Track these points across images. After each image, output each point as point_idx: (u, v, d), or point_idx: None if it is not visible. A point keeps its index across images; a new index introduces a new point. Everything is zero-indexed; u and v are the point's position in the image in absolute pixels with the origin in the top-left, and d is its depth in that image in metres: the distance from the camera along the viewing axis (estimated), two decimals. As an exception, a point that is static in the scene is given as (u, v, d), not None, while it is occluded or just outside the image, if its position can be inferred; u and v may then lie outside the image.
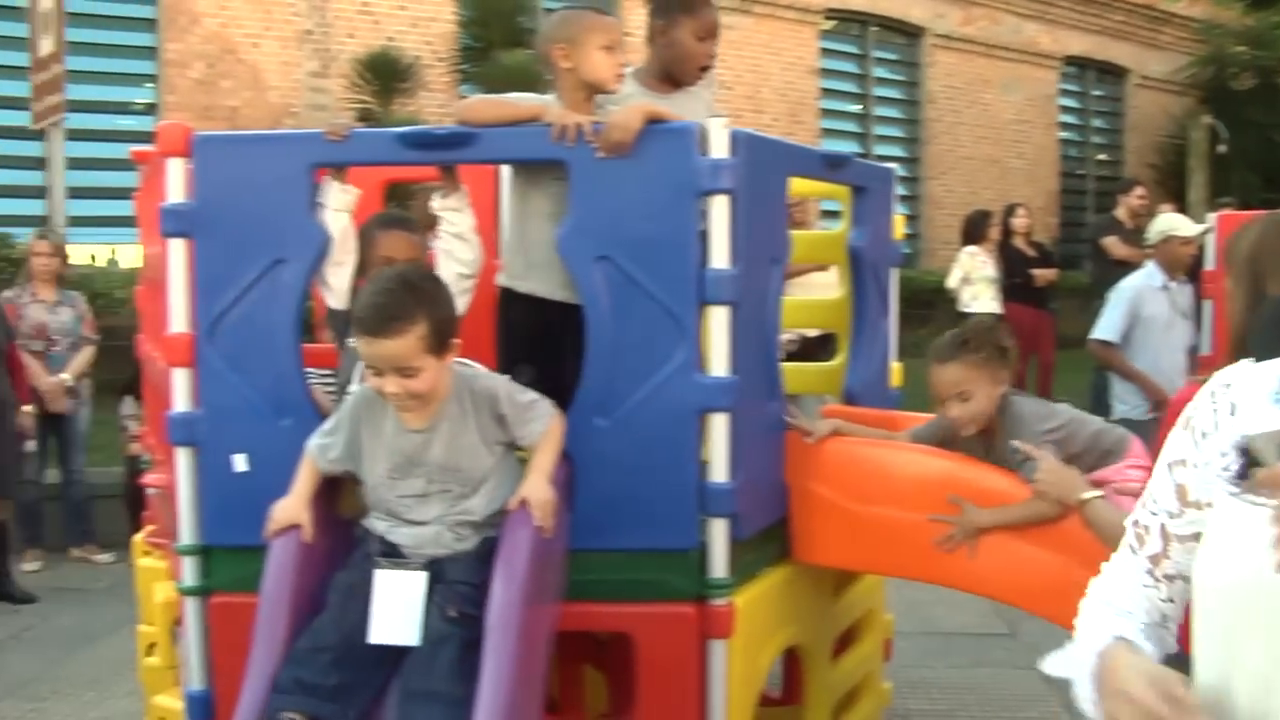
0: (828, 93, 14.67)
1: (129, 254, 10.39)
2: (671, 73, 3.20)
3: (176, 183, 2.76)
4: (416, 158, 2.73)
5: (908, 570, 3.02)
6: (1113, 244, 8.68)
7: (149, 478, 3.72)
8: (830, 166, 3.18)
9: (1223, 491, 1.15)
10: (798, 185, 3.36)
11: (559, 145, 2.60)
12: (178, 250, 2.77)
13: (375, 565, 2.47)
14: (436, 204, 2.94)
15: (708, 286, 2.62)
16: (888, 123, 15.43)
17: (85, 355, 6.75)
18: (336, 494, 2.67)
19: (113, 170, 10.65)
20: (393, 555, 2.49)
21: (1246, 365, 1.23)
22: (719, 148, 2.62)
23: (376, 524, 2.56)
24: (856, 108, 15.27)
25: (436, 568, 2.46)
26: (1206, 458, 1.20)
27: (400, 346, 2.34)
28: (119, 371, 6.80)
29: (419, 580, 2.43)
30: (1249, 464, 1.08)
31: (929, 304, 11.08)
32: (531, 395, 2.60)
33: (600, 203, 2.62)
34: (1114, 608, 1.28)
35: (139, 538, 3.88)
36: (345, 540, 2.61)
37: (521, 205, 2.90)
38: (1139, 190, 9.07)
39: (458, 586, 2.44)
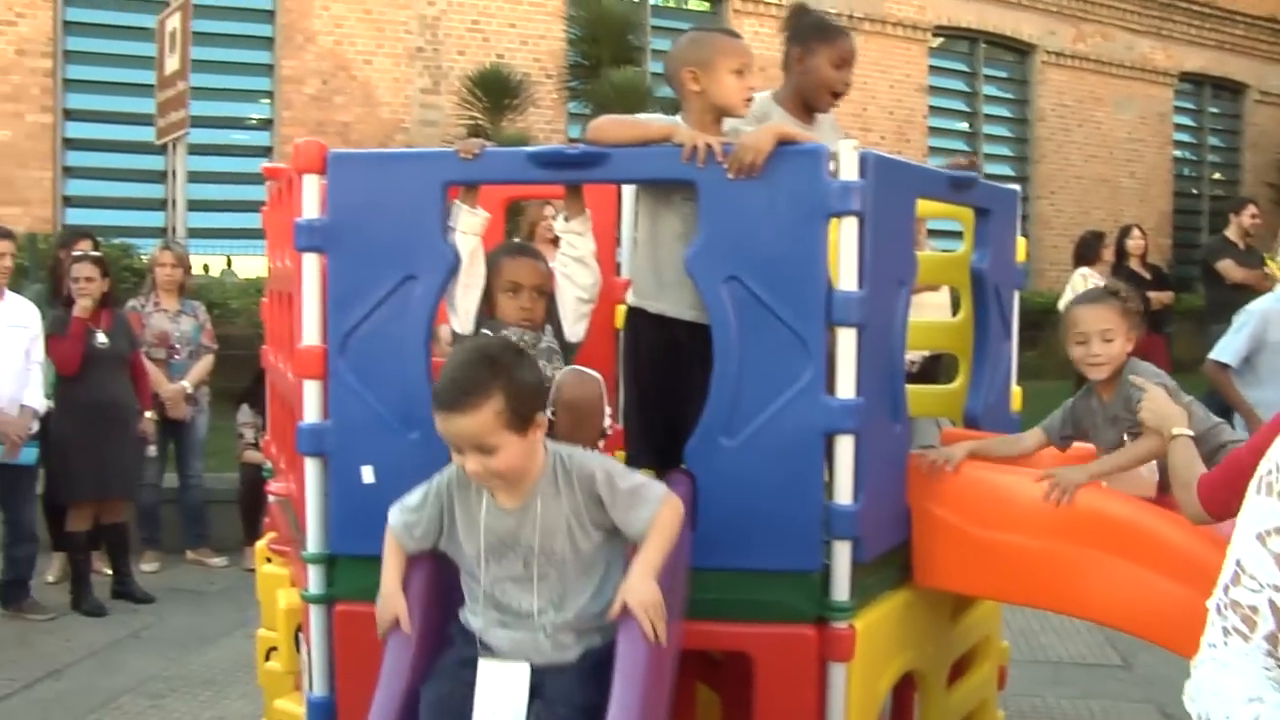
0: (936, 110, 14.57)
1: (243, 265, 10.74)
2: (806, 99, 3.22)
3: (311, 199, 2.84)
4: (548, 177, 2.77)
5: (1028, 597, 2.97)
6: (1228, 268, 8.44)
7: (272, 486, 3.82)
8: (956, 188, 3.14)
9: None
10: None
11: (689, 166, 2.62)
12: (311, 265, 2.84)
13: (465, 673, 2.34)
14: (559, 226, 2.98)
15: (835, 308, 2.62)
16: (997, 141, 15.25)
17: (205, 363, 6.97)
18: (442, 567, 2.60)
19: (228, 184, 11.05)
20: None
21: None
22: (849, 169, 2.62)
23: (472, 621, 2.41)
24: (965, 126, 15.13)
25: (535, 678, 2.30)
26: None
27: (475, 423, 2.20)
28: (235, 379, 7.02)
29: (523, 674, 2.30)
30: None
31: (1037, 325, 10.86)
32: (637, 479, 2.39)
33: (729, 223, 2.63)
34: (1238, 700, 1.16)
35: (261, 544, 3.98)
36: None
37: (652, 225, 2.92)
38: (1251, 209, 8.80)
39: (558, 709, 2.26)
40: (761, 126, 2.74)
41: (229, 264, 10.93)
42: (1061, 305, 8.75)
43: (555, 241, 3.10)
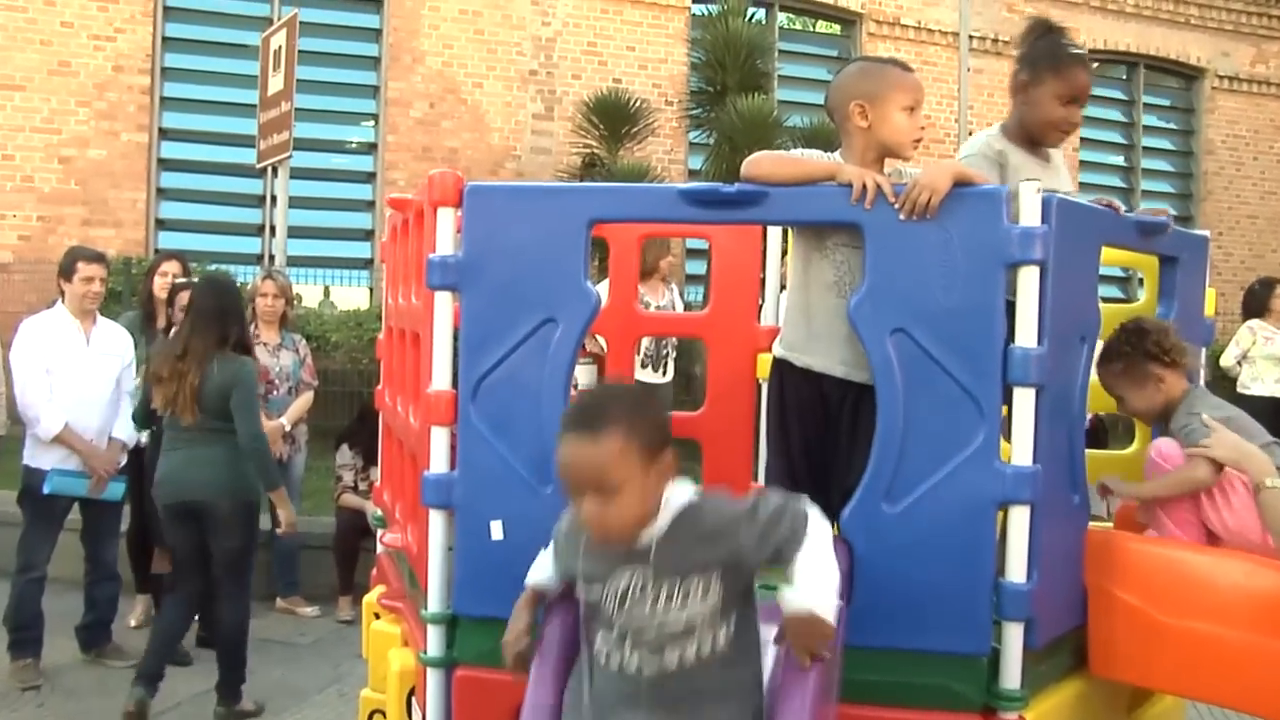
0: (1088, 143, 14.34)
1: (341, 295, 11.01)
2: (1029, 132, 3.18)
3: (447, 233, 2.91)
4: (701, 216, 2.80)
5: (1221, 696, 2.86)
6: None
7: (385, 537, 3.89)
8: (1145, 234, 3.10)
9: None
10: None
11: (856, 207, 2.63)
12: (444, 304, 2.91)
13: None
14: None
15: (1013, 366, 2.59)
16: (1156, 176, 14.95)
17: (304, 400, 7.08)
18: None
19: (327, 210, 11.37)
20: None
21: None
22: (1030, 214, 2.60)
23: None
24: (1120, 160, 14.84)
25: None
26: None
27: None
28: (332, 418, 7.17)
29: None
30: None
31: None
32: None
33: (897, 270, 2.63)
34: None
35: (370, 598, 4.04)
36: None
37: (804, 273, 2.94)
38: None
39: None
40: (937, 163, 2.73)
41: (327, 294, 11.21)
42: (1225, 361, 8.53)
43: (666, 279, 3.17)
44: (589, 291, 2.80)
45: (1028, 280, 2.60)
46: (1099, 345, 3.00)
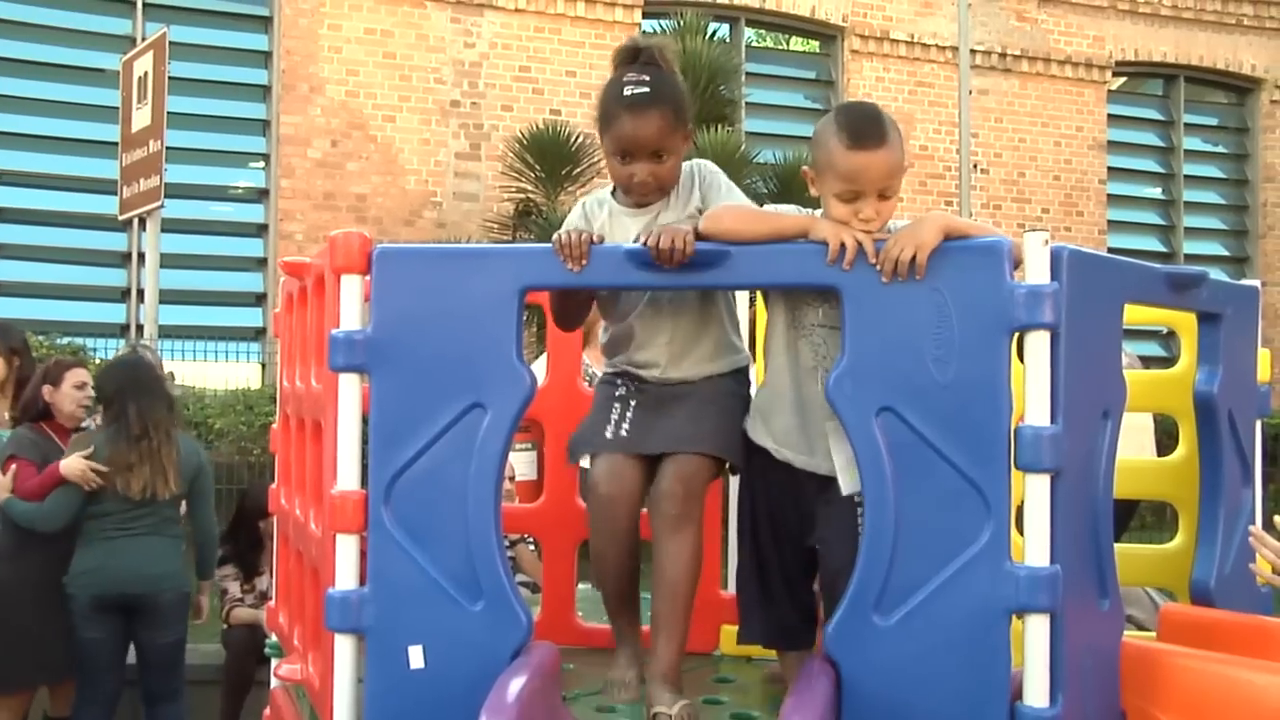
0: (1119, 173, 14.60)
1: (229, 372, 10.97)
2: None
3: (352, 305, 2.97)
4: (653, 280, 2.88)
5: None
6: None
7: (282, 669, 3.89)
8: (1177, 288, 3.20)
9: None
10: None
11: (832, 269, 2.72)
12: (350, 388, 2.96)
13: None
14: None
15: (1023, 449, 2.67)
16: (1203, 210, 15.19)
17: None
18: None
19: (210, 270, 11.37)
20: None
21: None
22: (1038, 270, 2.69)
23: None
24: (1157, 192, 15.09)
25: None
26: None
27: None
28: (219, 519, 7.12)
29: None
30: None
31: (1273, 458, 10.69)
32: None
33: (883, 340, 2.72)
34: None
35: (261, 746, 4.05)
36: None
37: (785, 352, 3.08)
38: None
39: None
40: (924, 216, 2.83)
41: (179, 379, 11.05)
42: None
43: None
44: (522, 371, 2.86)
45: (1037, 347, 2.69)
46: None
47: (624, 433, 3.16)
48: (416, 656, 2.87)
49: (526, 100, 11.93)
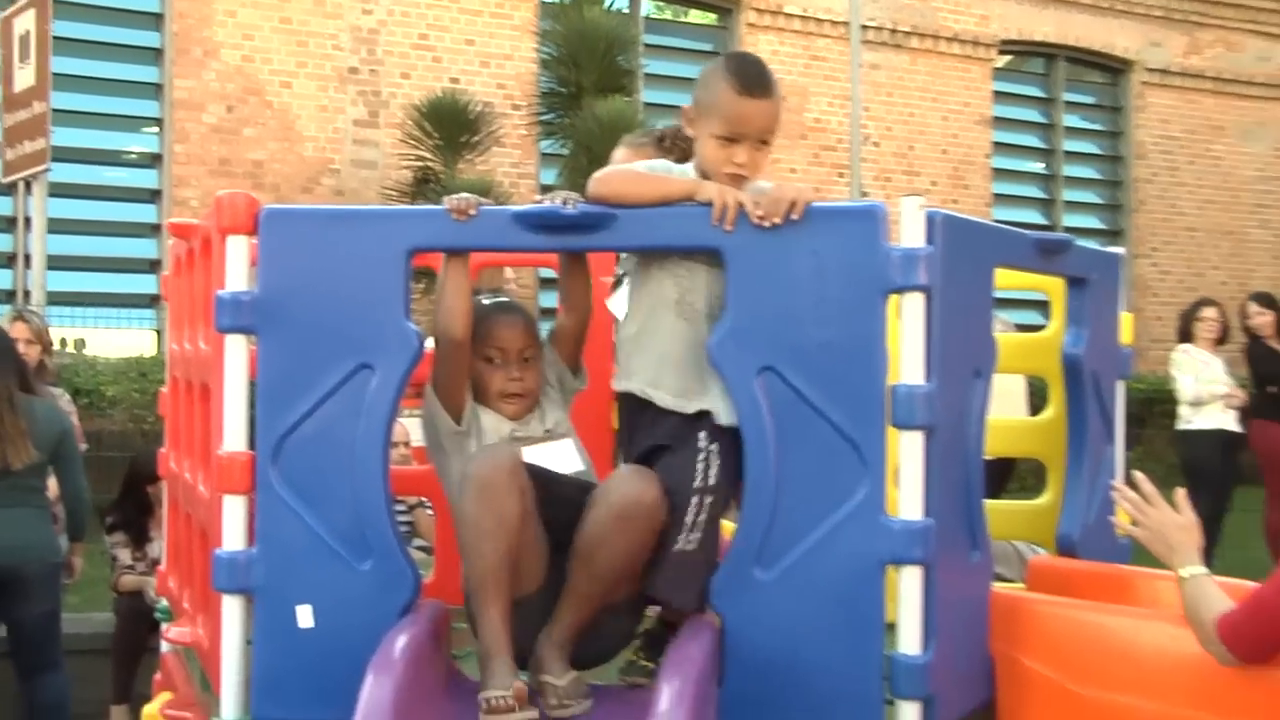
0: (1003, 148, 14.83)
1: (122, 340, 10.79)
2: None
3: (239, 266, 2.94)
4: (540, 243, 2.88)
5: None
6: None
7: (171, 632, 3.86)
8: (1046, 253, 3.27)
9: None
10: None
11: (716, 230, 2.74)
12: (237, 350, 2.94)
13: None
14: None
15: (898, 407, 2.72)
16: (1081, 185, 15.51)
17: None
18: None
19: (101, 235, 11.16)
20: None
21: None
22: (913, 233, 2.74)
23: None
24: (1040, 166, 15.37)
25: None
26: None
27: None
28: (112, 489, 7.02)
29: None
30: None
31: (1138, 419, 10.98)
32: None
33: (764, 301, 2.75)
34: None
35: (151, 709, 4.00)
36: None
37: (641, 290, 3.01)
38: None
39: None
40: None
41: (80, 343, 10.88)
42: (1187, 395, 8.91)
43: None
44: (411, 331, 2.86)
45: (911, 308, 2.74)
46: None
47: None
48: (305, 616, 2.87)
49: (425, 68, 11.81)
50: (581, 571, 2.81)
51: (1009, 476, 7.91)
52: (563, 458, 3.04)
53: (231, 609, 2.94)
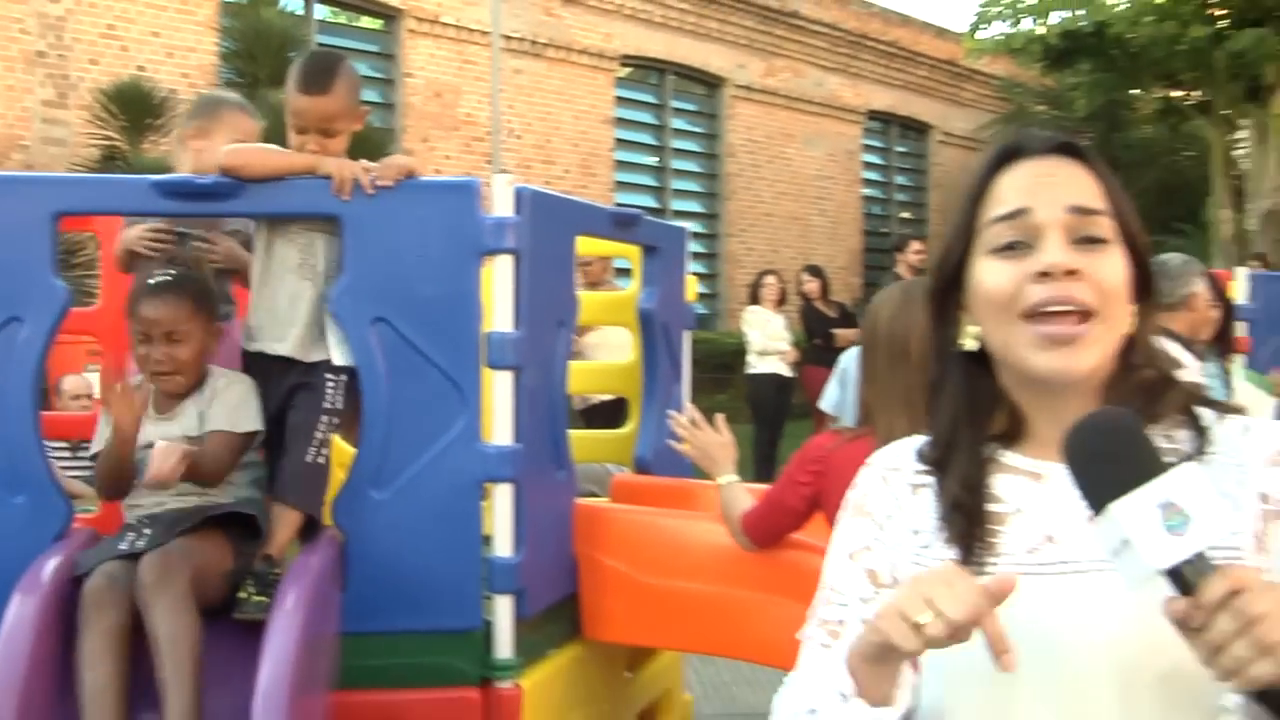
0: (623, 144, 15.12)
1: None
2: None
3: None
4: (175, 209, 2.76)
5: (702, 644, 3.19)
6: None
7: None
8: (619, 226, 3.36)
9: (911, 566, 1.26)
10: (592, 244, 3.53)
11: (334, 199, 2.68)
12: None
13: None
14: None
15: (491, 350, 2.75)
16: (686, 176, 16.00)
17: None
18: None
19: None
20: None
21: (901, 444, 1.33)
22: (504, 205, 2.76)
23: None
24: (653, 160, 15.78)
25: None
26: (895, 539, 1.29)
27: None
28: None
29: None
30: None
31: (728, 367, 11.50)
32: None
33: (377, 261, 2.72)
34: (800, 710, 1.24)
35: None
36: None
37: (266, 257, 2.87)
38: (916, 246, 9.72)
39: None
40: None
41: None
42: (758, 346, 9.40)
43: None
44: (58, 287, 2.69)
45: (502, 268, 2.77)
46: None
47: None
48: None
49: (114, 56, 11.07)
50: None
51: (624, 412, 8.16)
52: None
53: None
